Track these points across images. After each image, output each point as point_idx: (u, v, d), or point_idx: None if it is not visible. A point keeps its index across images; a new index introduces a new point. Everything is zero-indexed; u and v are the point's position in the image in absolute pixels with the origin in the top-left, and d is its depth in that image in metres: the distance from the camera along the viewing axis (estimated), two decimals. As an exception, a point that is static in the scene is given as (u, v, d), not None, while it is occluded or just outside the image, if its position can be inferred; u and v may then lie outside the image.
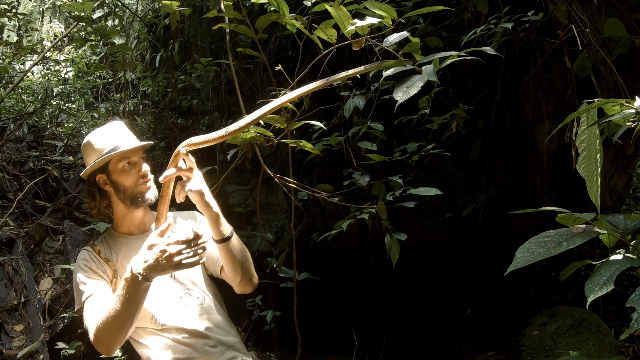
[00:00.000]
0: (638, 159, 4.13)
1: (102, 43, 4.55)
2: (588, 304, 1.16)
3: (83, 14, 3.50)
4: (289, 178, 2.41)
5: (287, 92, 2.23)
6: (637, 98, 1.23)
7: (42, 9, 7.92)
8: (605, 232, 1.22)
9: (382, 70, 1.51)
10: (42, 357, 3.41)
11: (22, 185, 4.71)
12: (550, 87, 3.37)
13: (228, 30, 2.81)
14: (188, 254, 1.54)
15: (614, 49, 2.79)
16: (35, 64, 5.83)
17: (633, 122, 1.22)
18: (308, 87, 1.47)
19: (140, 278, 1.53)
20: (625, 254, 1.20)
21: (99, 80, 6.58)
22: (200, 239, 1.56)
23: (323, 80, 1.46)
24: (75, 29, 5.17)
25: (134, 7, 5.61)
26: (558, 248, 1.17)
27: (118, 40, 5.72)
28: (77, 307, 1.77)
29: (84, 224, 4.31)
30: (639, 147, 3.77)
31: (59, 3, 7.17)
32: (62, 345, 3.35)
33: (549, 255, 1.17)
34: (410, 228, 3.40)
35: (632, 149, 3.78)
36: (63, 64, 6.55)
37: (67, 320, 3.62)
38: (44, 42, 6.97)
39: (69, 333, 3.60)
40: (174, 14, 2.72)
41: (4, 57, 6.36)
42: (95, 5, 4.95)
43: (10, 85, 5.07)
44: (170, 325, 1.77)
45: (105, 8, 5.64)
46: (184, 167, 1.61)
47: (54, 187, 4.78)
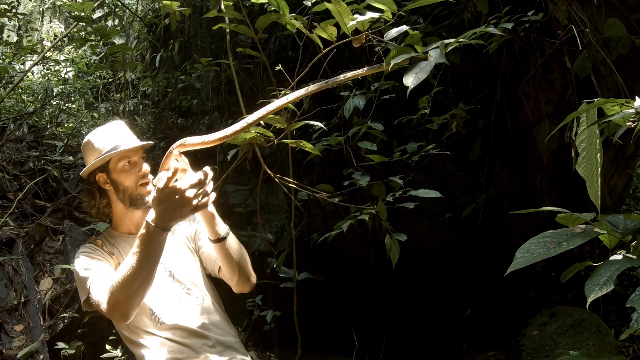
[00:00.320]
0: (638, 159, 4.13)
1: (102, 43, 4.55)
2: (588, 304, 1.16)
3: (83, 14, 3.50)
4: (289, 178, 2.41)
5: (287, 92, 2.23)
6: (637, 98, 1.23)
7: (42, 9, 7.92)
8: (605, 232, 1.22)
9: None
10: (42, 357, 3.40)
11: (22, 185, 4.71)
12: (550, 87, 3.37)
13: (228, 30, 2.80)
14: (203, 195, 1.52)
15: (614, 49, 2.79)
16: (35, 64, 5.83)
17: (633, 122, 1.22)
18: (308, 88, 1.47)
19: (161, 229, 1.50)
20: (625, 254, 1.19)
21: (99, 80, 6.58)
22: (209, 177, 1.54)
23: (321, 83, 1.46)
24: (75, 29, 5.17)
25: (134, 7, 5.61)
26: (558, 248, 1.17)
27: (118, 40, 5.72)
28: (82, 297, 1.71)
29: (84, 224, 4.31)
30: (639, 147, 3.77)
31: (59, 3, 7.17)
32: (62, 345, 3.35)
33: (549, 256, 1.17)
34: (410, 228, 3.41)
35: (632, 149, 3.78)
36: (63, 64, 6.55)
37: (67, 320, 3.62)
38: (44, 42, 6.97)
39: (69, 333, 3.60)
40: (174, 14, 2.72)
41: (4, 57, 6.36)
42: (95, 5, 4.95)
43: (10, 85, 5.07)
44: (170, 324, 1.76)
45: (105, 8, 5.64)
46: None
47: (54, 187, 4.78)
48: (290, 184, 2.40)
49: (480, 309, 4.08)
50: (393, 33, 1.48)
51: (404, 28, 1.49)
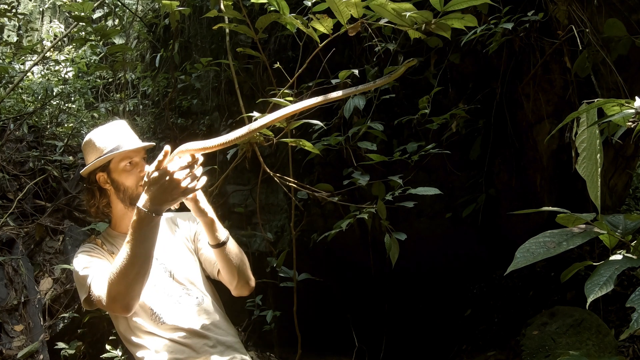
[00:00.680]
0: (638, 159, 4.13)
1: (102, 43, 4.55)
2: (588, 304, 1.16)
3: (83, 14, 3.50)
4: (289, 178, 2.41)
5: (287, 91, 2.23)
6: (637, 98, 1.23)
7: (42, 9, 7.92)
8: (605, 232, 1.22)
9: (382, 70, 1.51)
10: (42, 357, 3.40)
11: (22, 185, 4.71)
12: (550, 87, 3.37)
13: (228, 30, 2.80)
14: (192, 178, 1.52)
15: (614, 49, 2.79)
16: (35, 64, 5.83)
17: (633, 122, 1.22)
18: (318, 99, 1.48)
19: (153, 214, 1.50)
20: (625, 254, 1.20)
21: (99, 80, 6.58)
22: (199, 162, 1.55)
23: (319, 99, 1.47)
24: (75, 29, 5.17)
25: (134, 7, 5.61)
26: (558, 248, 1.17)
27: (118, 40, 5.72)
28: (82, 296, 1.71)
29: (84, 224, 4.31)
30: (639, 147, 3.77)
31: (59, 3, 7.17)
32: (62, 345, 3.35)
33: (549, 255, 1.17)
34: (410, 228, 3.40)
35: (632, 149, 3.78)
36: (63, 64, 6.55)
37: (67, 320, 3.62)
38: (44, 42, 6.97)
39: (69, 333, 3.60)
40: (174, 14, 2.72)
41: (4, 57, 6.36)
42: (95, 5, 4.95)
43: (10, 85, 5.07)
44: (170, 324, 1.76)
45: (105, 8, 5.64)
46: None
47: (54, 187, 4.78)
48: (290, 184, 2.41)
49: (480, 309, 4.08)
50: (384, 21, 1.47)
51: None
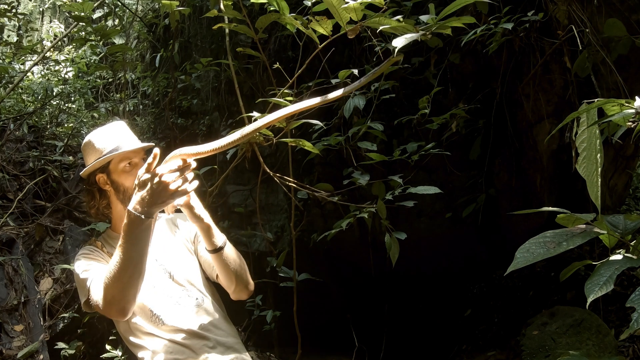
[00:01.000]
0: (638, 159, 4.14)
1: (102, 43, 4.55)
2: (588, 304, 1.16)
3: (83, 14, 3.50)
4: (289, 178, 2.41)
5: (286, 91, 2.23)
6: (637, 98, 1.23)
7: (42, 9, 7.92)
8: (605, 232, 1.22)
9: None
10: (42, 357, 3.40)
11: (22, 185, 4.71)
12: (550, 87, 3.37)
13: (228, 30, 2.80)
14: (182, 181, 1.51)
15: (614, 49, 2.79)
16: (35, 64, 5.83)
17: (633, 122, 1.22)
18: (317, 99, 1.48)
19: (143, 217, 1.50)
20: (625, 254, 1.19)
21: (99, 80, 6.59)
22: (190, 167, 1.53)
23: (316, 100, 1.47)
24: (75, 29, 5.17)
25: (134, 7, 5.61)
26: (558, 248, 1.17)
27: (118, 40, 5.72)
28: (83, 299, 1.71)
29: (84, 224, 4.31)
30: (639, 147, 3.77)
31: (59, 3, 7.18)
32: (62, 345, 3.35)
33: (549, 256, 1.17)
34: (410, 228, 3.40)
35: (632, 149, 3.78)
36: (63, 64, 6.55)
37: (67, 320, 3.62)
38: (44, 42, 6.97)
39: (69, 333, 3.60)
40: (174, 14, 2.72)
41: (4, 57, 6.36)
42: (95, 5, 4.95)
43: (10, 85, 5.07)
44: (170, 325, 1.76)
45: (105, 8, 5.64)
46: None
47: (54, 187, 4.78)
48: (290, 184, 2.40)
49: (480, 309, 4.08)
50: (399, 42, 1.48)
51: (415, 36, 1.49)
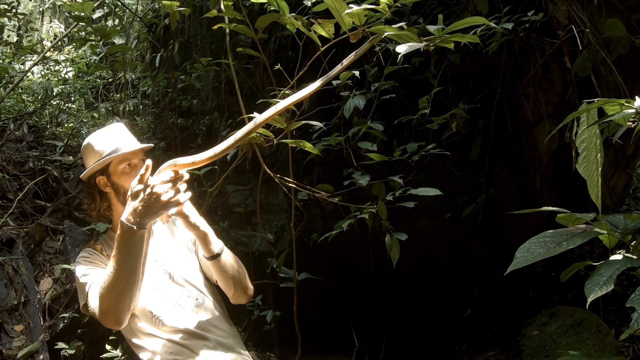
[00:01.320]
0: (638, 159, 4.14)
1: (102, 43, 4.55)
2: (588, 304, 1.16)
3: (83, 14, 3.50)
4: (289, 178, 2.40)
5: (287, 92, 2.23)
6: (637, 98, 1.23)
7: (42, 9, 7.92)
8: (605, 232, 1.22)
9: (382, 70, 1.51)
10: (42, 357, 3.40)
11: (22, 185, 4.71)
12: (550, 87, 3.37)
13: (228, 30, 2.80)
14: (175, 192, 1.51)
15: (614, 49, 2.79)
16: (35, 64, 5.83)
17: (633, 122, 1.22)
18: (307, 90, 1.47)
19: (135, 227, 1.50)
20: (625, 254, 1.19)
21: (99, 80, 6.59)
22: (183, 178, 1.53)
23: (321, 81, 1.46)
24: (75, 29, 5.17)
25: (134, 7, 5.61)
26: (558, 248, 1.17)
27: (118, 40, 5.72)
28: (82, 302, 1.72)
29: (84, 224, 4.31)
30: (639, 147, 3.77)
31: (59, 3, 7.17)
32: (62, 345, 3.35)
33: (549, 255, 1.17)
34: (411, 228, 3.40)
35: (632, 149, 3.78)
36: (63, 64, 6.55)
37: (67, 320, 3.62)
38: (44, 42, 6.97)
39: (69, 333, 3.60)
40: (174, 14, 2.72)
41: (4, 57, 6.36)
42: (95, 5, 4.95)
43: (10, 85, 5.07)
44: (170, 326, 1.76)
45: (105, 8, 5.64)
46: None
47: (54, 187, 4.78)
48: (290, 184, 2.40)
49: (480, 309, 4.08)
50: (402, 50, 1.48)
51: (418, 46, 1.49)
